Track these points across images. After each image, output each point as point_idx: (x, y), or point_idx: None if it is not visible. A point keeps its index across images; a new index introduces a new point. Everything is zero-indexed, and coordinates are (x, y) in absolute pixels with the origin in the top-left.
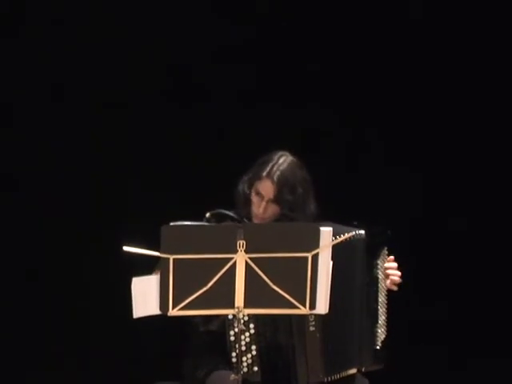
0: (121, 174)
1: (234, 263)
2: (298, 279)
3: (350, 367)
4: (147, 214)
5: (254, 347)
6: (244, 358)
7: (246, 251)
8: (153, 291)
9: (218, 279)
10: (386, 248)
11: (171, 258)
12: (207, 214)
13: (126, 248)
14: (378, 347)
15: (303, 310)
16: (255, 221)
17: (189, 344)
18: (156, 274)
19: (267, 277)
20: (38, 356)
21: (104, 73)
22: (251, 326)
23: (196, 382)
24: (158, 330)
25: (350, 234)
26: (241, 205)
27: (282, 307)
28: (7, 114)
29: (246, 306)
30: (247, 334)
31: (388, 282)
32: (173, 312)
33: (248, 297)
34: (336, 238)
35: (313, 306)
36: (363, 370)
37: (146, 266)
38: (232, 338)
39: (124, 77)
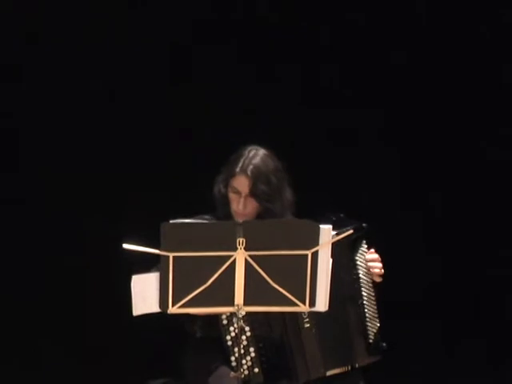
0: (121, 171)
1: (234, 261)
2: (297, 277)
3: (346, 363)
4: (147, 212)
5: (252, 349)
6: (244, 361)
7: (246, 249)
8: (152, 289)
9: (217, 277)
10: (364, 241)
11: (171, 255)
12: None
13: (125, 246)
14: (370, 341)
15: (303, 308)
16: (237, 218)
17: (188, 344)
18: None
19: (267, 274)
20: (37, 355)
21: (105, 72)
22: (247, 328)
23: (199, 380)
24: (158, 327)
25: (350, 232)
26: (220, 206)
27: (282, 305)
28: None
29: (245, 303)
30: (243, 336)
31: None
32: (172, 309)
33: (248, 294)
34: None
35: (312, 303)
36: (357, 365)
37: (145, 263)
38: (229, 343)
39: (124, 76)
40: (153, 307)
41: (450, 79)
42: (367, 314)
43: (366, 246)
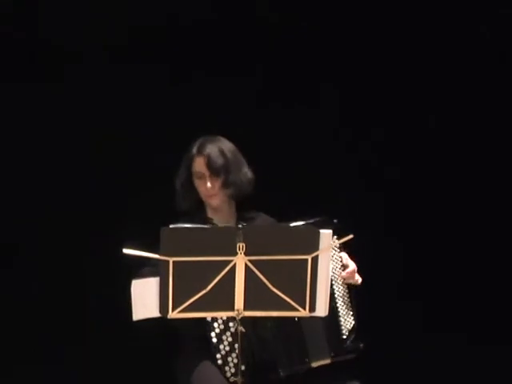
0: (121, 174)
1: (234, 266)
2: (297, 281)
3: (327, 356)
4: (147, 216)
5: (237, 345)
6: (229, 359)
7: (246, 254)
8: (152, 293)
9: (217, 282)
10: (335, 237)
11: (171, 260)
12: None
13: (125, 250)
14: (344, 337)
15: (303, 313)
16: (209, 201)
17: (182, 348)
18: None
19: (267, 279)
20: (35, 356)
21: (104, 73)
22: (230, 324)
23: (183, 379)
24: (157, 331)
25: (350, 237)
26: (185, 197)
27: (282, 310)
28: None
29: (245, 308)
30: (228, 333)
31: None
32: (172, 314)
33: (248, 299)
34: None
35: (312, 308)
36: (335, 359)
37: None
38: (214, 340)
39: (125, 78)
40: (153, 312)
41: (450, 80)
42: (340, 309)
43: (338, 242)
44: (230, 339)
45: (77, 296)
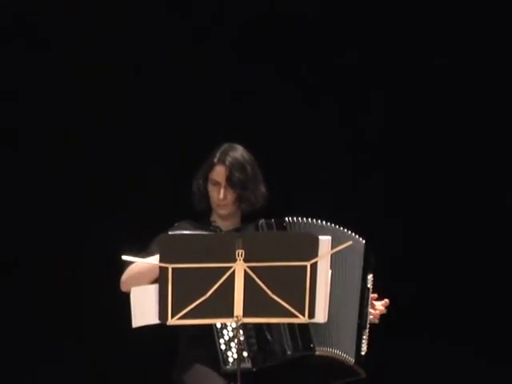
0: (120, 172)
1: (233, 272)
2: (296, 288)
3: (337, 349)
4: (146, 218)
5: (241, 331)
6: (232, 344)
7: (245, 260)
8: (152, 300)
9: (216, 288)
10: (372, 275)
11: (170, 267)
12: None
13: (124, 257)
14: (363, 353)
15: (302, 319)
16: (219, 210)
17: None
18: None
19: (266, 286)
20: (35, 361)
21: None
22: None
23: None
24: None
25: (348, 244)
26: (198, 201)
27: (281, 316)
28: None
29: (244, 315)
30: None
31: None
32: (172, 321)
33: (247, 306)
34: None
35: (312, 314)
36: (350, 361)
37: None
38: (218, 326)
39: (125, 80)
40: (152, 319)
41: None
42: (366, 330)
43: (372, 279)
44: (233, 325)
45: (76, 299)
